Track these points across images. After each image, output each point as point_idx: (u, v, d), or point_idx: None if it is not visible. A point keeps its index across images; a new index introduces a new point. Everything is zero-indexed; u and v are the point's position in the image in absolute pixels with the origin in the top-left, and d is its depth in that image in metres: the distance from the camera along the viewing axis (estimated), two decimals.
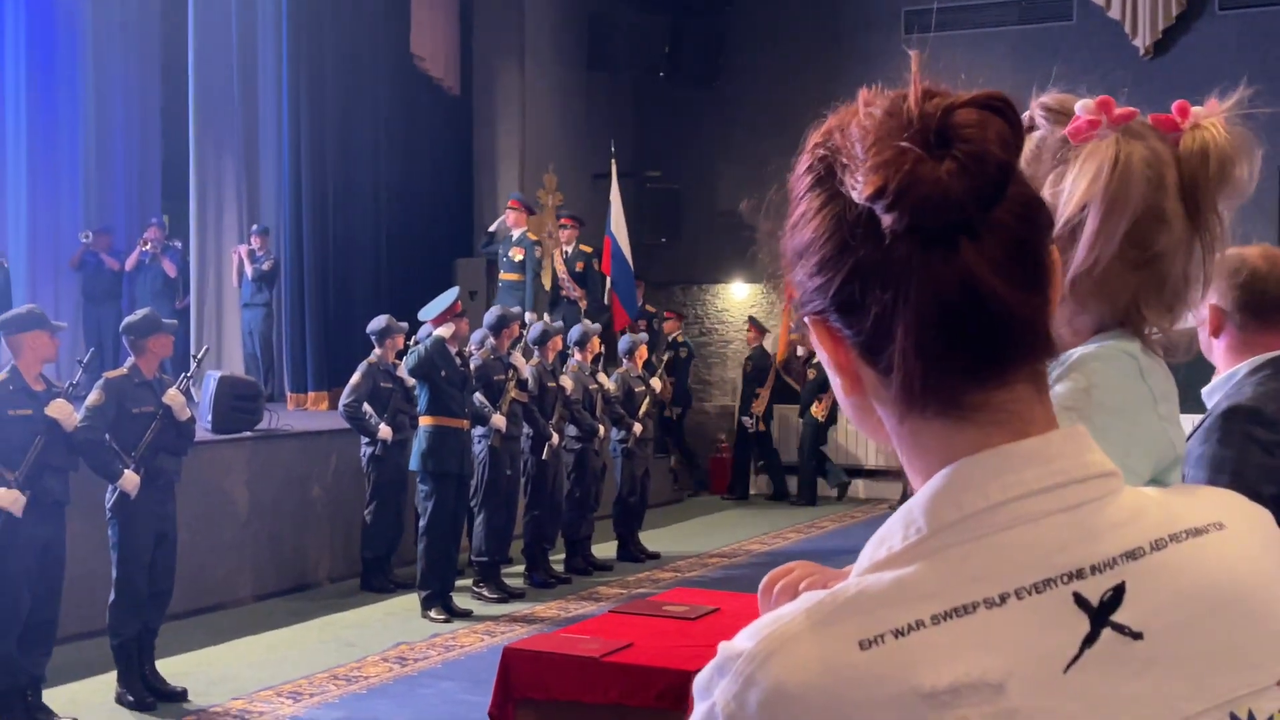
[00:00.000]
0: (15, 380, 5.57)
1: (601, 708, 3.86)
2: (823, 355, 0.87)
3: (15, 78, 11.27)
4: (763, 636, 0.78)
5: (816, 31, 14.23)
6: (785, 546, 10.77)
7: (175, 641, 6.77)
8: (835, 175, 0.83)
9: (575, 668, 3.90)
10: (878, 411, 0.85)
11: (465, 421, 8.10)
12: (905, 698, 0.73)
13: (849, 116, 0.84)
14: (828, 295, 0.82)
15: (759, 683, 0.76)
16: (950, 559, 0.78)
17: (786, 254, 0.88)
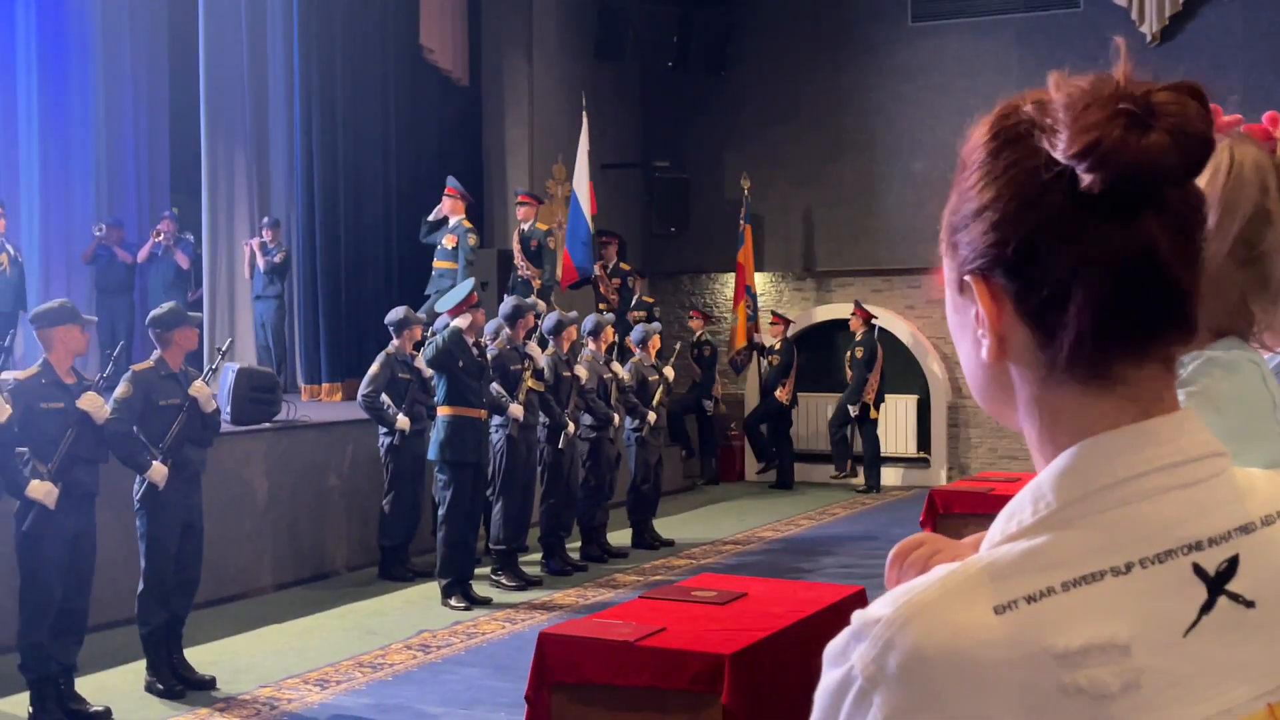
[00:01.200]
0: (47, 373, 5.64)
1: (636, 690, 3.94)
2: (964, 320, 0.92)
3: (27, 73, 11.32)
4: (901, 603, 0.83)
5: (823, 21, 14.27)
6: (797, 534, 10.85)
7: (199, 631, 6.84)
8: (1025, 140, 0.87)
9: (610, 651, 3.97)
10: (1014, 378, 0.90)
11: (482, 411, 8.18)
12: (1038, 658, 0.80)
13: (1038, 94, 0.89)
14: (1003, 252, 0.87)
15: (898, 646, 0.81)
16: (1078, 531, 0.84)
17: (957, 214, 0.91)
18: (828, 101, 14.21)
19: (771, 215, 14.63)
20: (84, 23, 11.70)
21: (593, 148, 12.67)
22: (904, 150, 13.99)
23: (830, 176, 14.26)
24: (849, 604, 4.73)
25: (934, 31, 13.96)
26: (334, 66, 11.83)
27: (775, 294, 14.81)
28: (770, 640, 4.07)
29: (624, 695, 3.95)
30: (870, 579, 8.38)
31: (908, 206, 13.96)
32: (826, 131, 14.23)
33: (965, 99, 13.75)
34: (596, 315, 10.02)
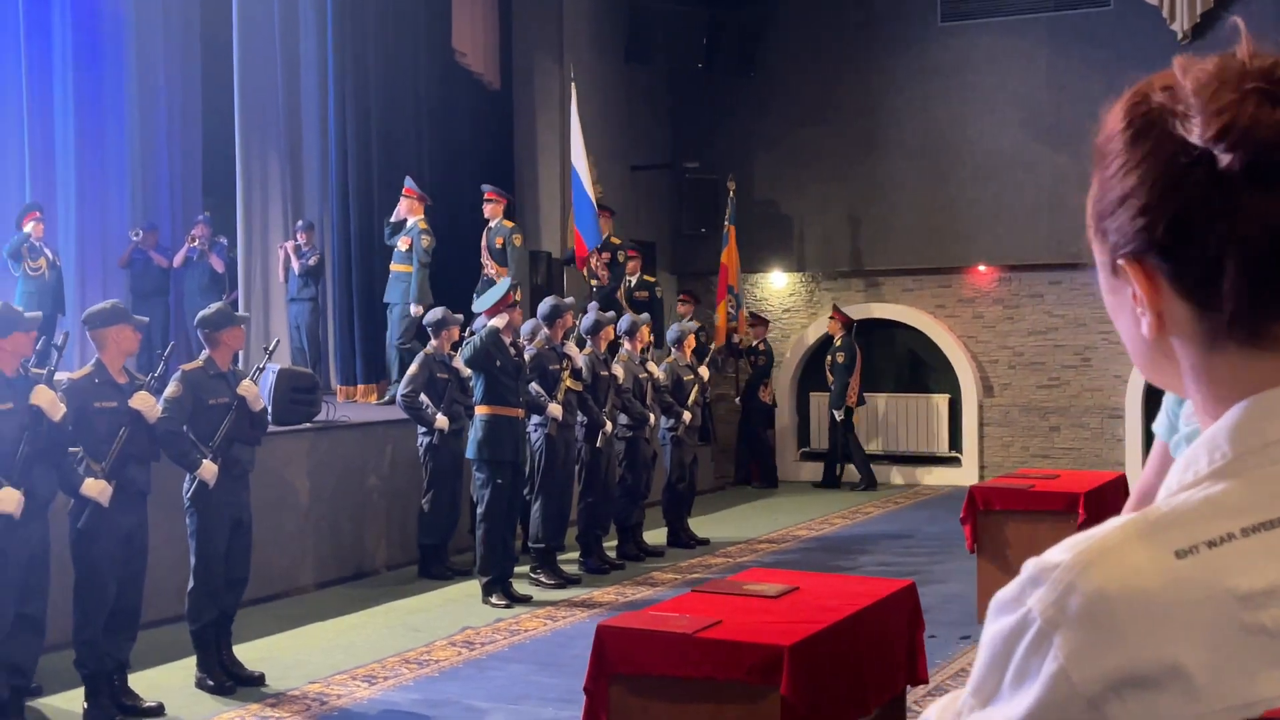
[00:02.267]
0: (100, 373, 5.71)
1: (694, 682, 3.97)
2: (1120, 301, 0.96)
3: (63, 80, 11.43)
4: (1081, 549, 0.86)
5: (853, 21, 14.29)
6: (831, 532, 10.87)
7: (246, 628, 6.89)
8: (1159, 126, 0.91)
9: (668, 644, 4.01)
10: (1175, 349, 0.94)
11: (520, 410, 8.23)
12: (1221, 599, 0.83)
13: (1166, 79, 0.93)
14: (1153, 235, 0.91)
15: (1079, 589, 0.83)
16: (1255, 479, 0.88)
17: (1102, 202, 0.96)
18: (857, 101, 14.23)
19: (800, 216, 14.66)
20: (118, 29, 11.81)
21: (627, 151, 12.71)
22: (934, 150, 14.00)
23: (859, 176, 14.28)
24: (901, 598, 4.77)
25: (963, 30, 13.96)
26: (367, 70, 11.91)
27: (805, 294, 14.83)
28: (827, 632, 4.10)
29: (683, 686, 3.99)
30: (910, 574, 8.37)
31: (937, 206, 13.97)
32: (855, 131, 14.25)
33: (995, 98, 13.77)
34: (632, 316, 10.06)
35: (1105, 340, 13.48)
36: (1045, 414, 13.87)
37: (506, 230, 10.79)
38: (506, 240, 10.72)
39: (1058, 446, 13.78)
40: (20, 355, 5.36)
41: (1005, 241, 13.78)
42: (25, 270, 10.55)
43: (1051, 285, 13.80)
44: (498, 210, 10.90)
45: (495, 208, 10.90)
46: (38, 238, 10.53)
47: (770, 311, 14.91)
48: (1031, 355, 13.92)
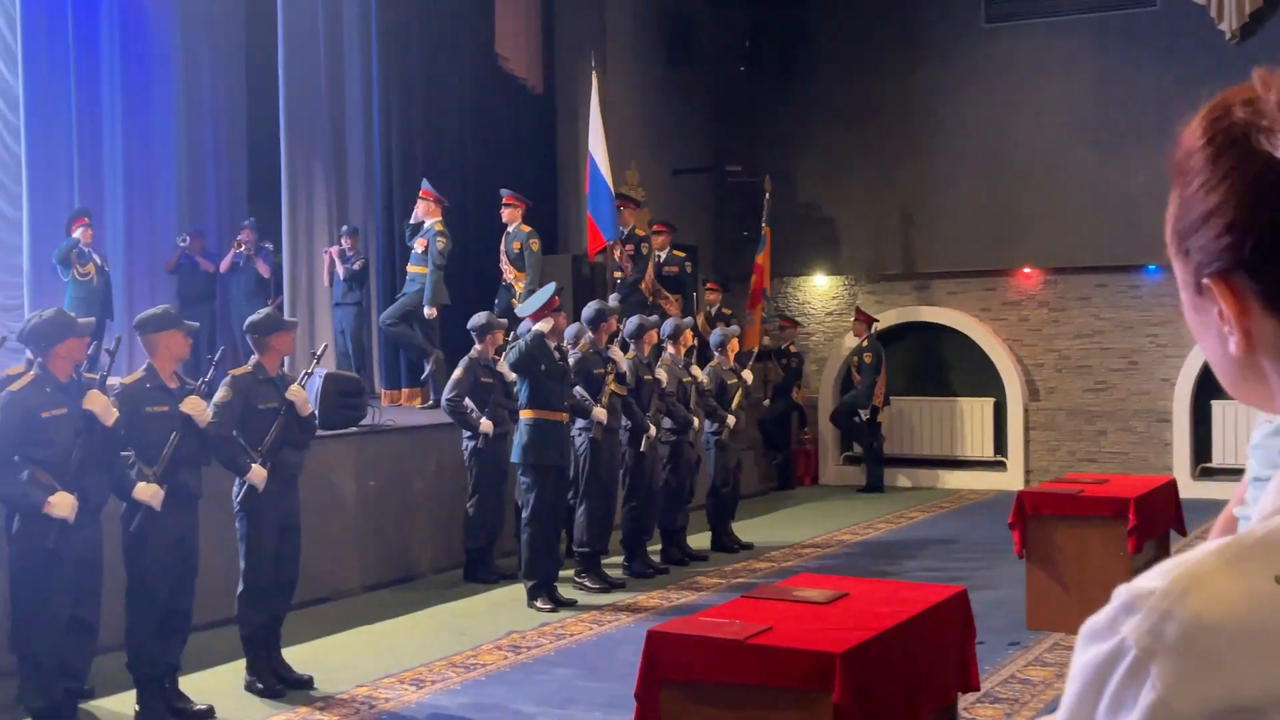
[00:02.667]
0: (152, 378, 5.76)
1: (746, 689, 3.96)
2: (1205, 320, 0.94)
3: (110, 89, 11.57)
4: (1176, 575, 0.84)
5: (896, 22, 14.24)
6: (876, 537, 10.81)
7: (293, 631, 6.92)
8: (1243, 142, 0.89)
9: (719, 650, 3.99)
10: (1265, 367, 0.92)
11: (564, 415, 8.23)
12: None
13: (1246, 93, 0.91)
14: (1239, 252, 0.89)
15: (1176, 616, 0.81)
16: None
17: (1184, 221, 0.94)
18: (900, 103, 14.16)
19: (843, 218, 14.61)
20: (165, 38, 11.93)
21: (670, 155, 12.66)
22: (978, 152, 13.92)
23: (903, 179, 14.21)
24: (953, 604, 4.73)
25: (1008, 32, 13.87)
26: (410, 75, 11.97)
27: (848, 297, 14.78)
28: (879, 639, 4.07)
29: (734, 693, 3.98)
30: (956, 580, 8.31)
31: (982, 208, 13.89)
32: (899, 133, 14.19)
33: (1040, 99, 13.67)
34: (675, 319, 10.05)
35: (1153, 343, 13.35)
36: (1092, 418, 13.75)
37: (524, 235, 10.74)
38: (524, 245, 10.69)
39: (1105, 451, 13.66)
40: (74, 361, 5.41)
41: (1051, 244, 13.68)
42: (74, 275, 10.67)
43: (1098, 288, 13.68)
44: (516, 215, 10.85)
45: (513, 212, 10.86)
46: (87, 243, 10.65)
47: (813, 314, 14.87)
48: (1078, 358, 13.81)
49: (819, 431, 14.70)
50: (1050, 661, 6.70)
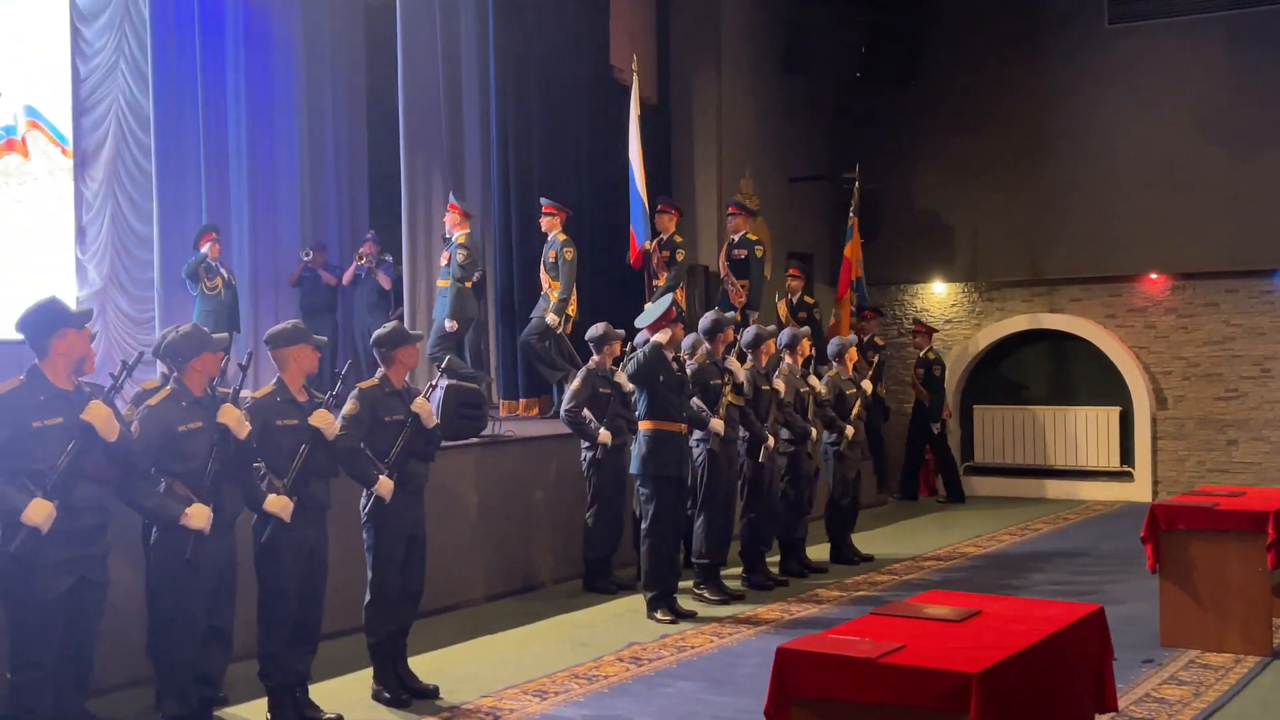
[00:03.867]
0: (282, 392, 5.86)
1: (880, 708, 3.89)
2: None
3: (236, 107, 11.85)
4: None
5: (1016, 25, 14.00)
6: (1001, 549, 10.61)
7: (417, 640, 6.96)
8: None
9: (852, 668, 3.93)
10: None
11: (683, 426, 8.20)
12: None
13: None
14: None
15: None
16: None
17: None
18: (1021, 107, 13.91)
19: (962, 225, 14.40)
20: (288, 58, 12.20)
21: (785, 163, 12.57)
22: (1103, 155, 13.63)
23: (1025, 184, 13.96)
24: (1090, 623, 4.61)
25: (1133, 33, 13.55)
26: (528, 88, 12.07)
27: (966, 305, 14.55)
28: (1016, 659, 3.97)
29: (867, 712, 3.91)
30: (1086, 595, 8.16)
31: (1107, 213, 13.59)
32: (1020, 138, 13.94)
33: (1167, 100, 13.34)
34: (793, 329, 9.97)
35: None
36: (1222, 427, 13.35)
37: (559, 244, 10.65)
38: (559, 254, 10.62)
39: (1236, 461, 13.26)
40: (209, 375, 5.52)
41: (1179, 249, 13.33)
42: (203, 289, 10.94)
43: (1228, 293, 13.29)
44: (555, 223, 10.74)
45: (552, 221, 10.77)
46: (214, 258, 10.91)
47: (931, 322, 14.66)
48: (1208, 366, 13.42)
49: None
50: (1186, 680, 6.50)
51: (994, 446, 14.27)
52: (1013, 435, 14.17)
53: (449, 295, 10.35)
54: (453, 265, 10.38)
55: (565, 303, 10.52)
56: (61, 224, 11.16)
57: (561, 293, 10.51)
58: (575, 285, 10.62)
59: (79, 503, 4.90)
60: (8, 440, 4.79)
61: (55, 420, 4.88)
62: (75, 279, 11.15)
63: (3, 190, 10.78)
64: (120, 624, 6.05)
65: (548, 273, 10.75)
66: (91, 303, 10.65)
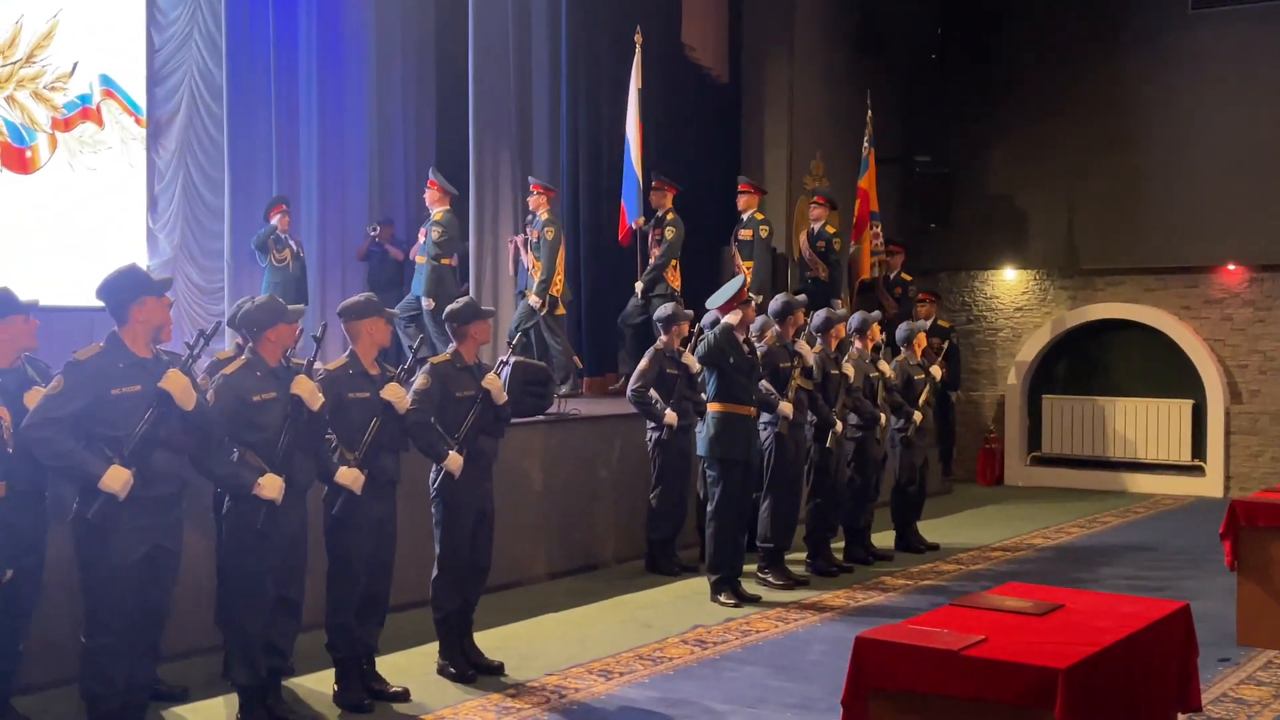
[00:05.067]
0: (354, 365, 5.85)
1: (961, 702, 3.81)
2: None
3: (308, 80, 11.89)
4: None
5: (1096, 9, 13.72)
6: (1069, 542, 10.45)
7: (481, 616, 6.94)
8: None
9: (932, 660, 3.85)
10: None
11: (752, 409, 8.12)
12: None
13: None
14: None
15: None
16: None
17: None
18: (1099, 92, 13.65)
19: (1037, 211, 14.17)
20: (359, 32, 12.21)
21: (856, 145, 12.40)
22: (1181, 144, 13.34)
23: (1100, 171, 13.71)
24: (1174, 620, 4.50)
25: (1217, 18, 13.24)
26: (597, 65, 12.01)
27: (1037, 293, 14.32)
28: (1101, 655, 3.88)
29: (947, 705, 3.83)
30: (1158, 591, 8.01)
31: (1184, 202, 13.32)
32: (1097, 124, 13.68)
33: (1249, 88, 13.04)
34: (862, 313, 9.85)
35: None
36: None
37: (541, 223, 10.56)
38: (541, 234, 10.53)
39: None
40: (284, 346, 5.52)
41: (1258, 239, 13.04)
42: (272, 261, 10.99)
43: None
44: (542, 202, 10.63)
45: (539, 200, 10.67)
46: (283, 230, 10.96)
47: (1000, 309, 14.46)
48: None
49: (1004, 429, 14.30)
50: (1266, 680, 6.35)
51: (1061, 437, 14.06)
52: (1081, 426, 13.95)
53: (425, 272, 10.30)
54: (428, 242, 10.32)
55: (547, 284, 10.45)
56: (134, 193, 11.25)
57: (543, 273, 10.44)
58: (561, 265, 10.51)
59: (155, 470, 4.90)
60: (87, 406, 4.80)
61: (134, 388, 4.89)
62: (146, 248, 11.24)
63: (77, 159, 10.88)
64: (190, 592, 6.09)
65: (531, 252, 10.67)
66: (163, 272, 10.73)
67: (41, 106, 10.61)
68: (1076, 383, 14.15)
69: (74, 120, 10.88)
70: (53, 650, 5.74)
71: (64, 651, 5.56)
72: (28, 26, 10.45)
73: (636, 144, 10.97)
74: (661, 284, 10.82)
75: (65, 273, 10.12)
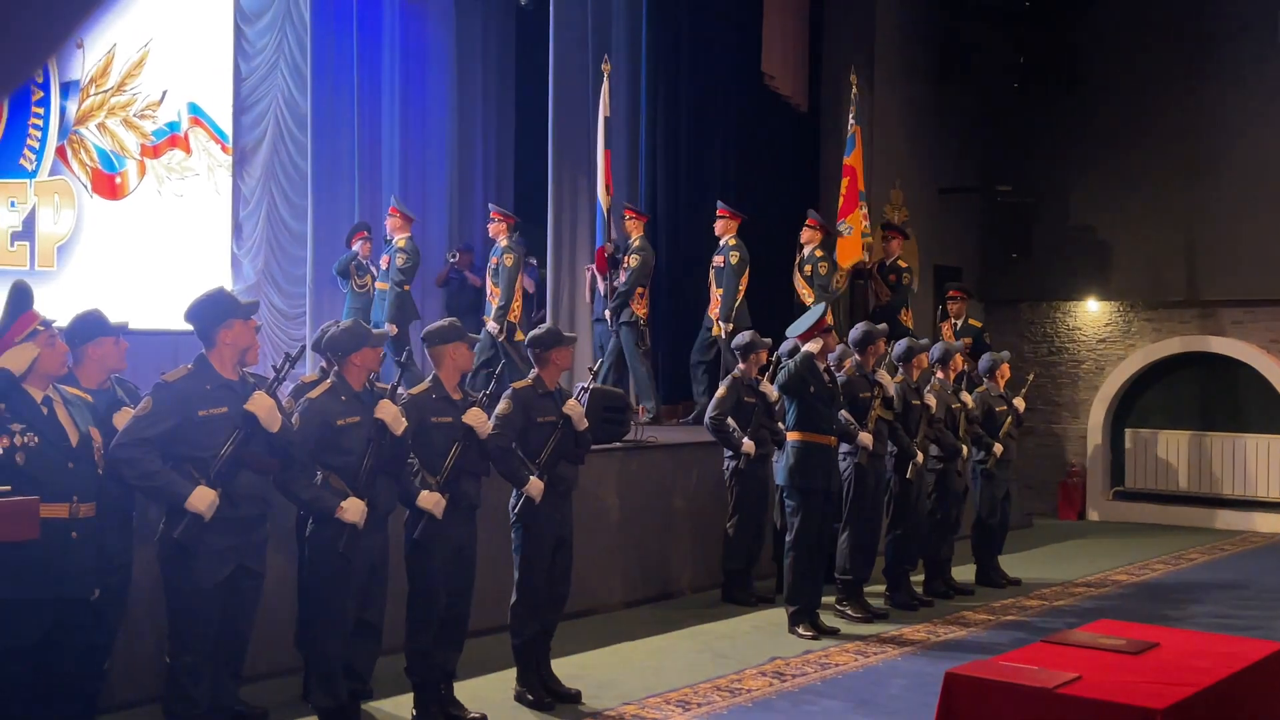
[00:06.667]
0: (437, 389, 5.87)
1: None
2: None
3: (390, 112, 12.08)
4: None
5: (1182, 38, 13.49)
6: (1154, 579, 10.21)
7: (558, 643, 6.91)
8: None
9: (1026, 699, 3.76)
10: None
11: (832, 438, 8.03)
12: None
13: None
14: None
15: None
16: None
17: None
18: (1184, 122, 13.41)
19: (1120, 241, 13.93)
20: (440, 63, 12.38)
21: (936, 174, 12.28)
22: (1268, 173, 13.06)
23: (1186, 200, 13.46)
24: (1276, 661, 4.35)
25: None
26: (677, 93, 12.03)
27: (1121, 324, 14.07)
28: (1202, 696, 3.76)
29: None
30: (1250, 630, 7.80)
31: (1271, 233, 13.02)
32: (1182, 153, 13.44)
33: None
34: (944, 344, 9.73)
35: None
36: None
37: (500, 250, 10.59)
38: (500, 260, 10.57)
39: None
40: (368, 370, 5.55)
41: None
42: (353, 287, 11.09)
43: None
44: (501, 229, 10.69)
45: (498, 227, 10.73)
46: (365, 256, 11.07)
47: (1083, 341, 14.22)
48: None
49: (1086, 462, 14.05)
50: None
51: (1145, 472, 13.78)
52: (1166, 461, 13.67)
53: (388, 299, 10.33)
54: (392, 269, 10.37)
55: (505, 310, 10.47)
56: (219, 219, 11.44)
57: (501, 299, 10.46)
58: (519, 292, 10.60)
59: (240, 492, 4.94)
60: (174, 428, 4.86)
61: (220, 410, 4.93)
62: (231, 273, 11.42)
63: (165, 185, 11.09)
64: (272, 614, 6.12)
65: (490, 278, 10.70)
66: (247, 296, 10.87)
67: (131, 134, 10.84)
68: (1161, 416, 13.87)
69: (162, 147, 11.10)
70: (137, 669, 5.80)
71: (148, 671, 5.61)
72: (119, 55, 10.69)
73: (604, 172, 10.92)
74: (627, 310, 10.76)
75: (150, 296, 10.30)
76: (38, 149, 10.20)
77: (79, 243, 10.43)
